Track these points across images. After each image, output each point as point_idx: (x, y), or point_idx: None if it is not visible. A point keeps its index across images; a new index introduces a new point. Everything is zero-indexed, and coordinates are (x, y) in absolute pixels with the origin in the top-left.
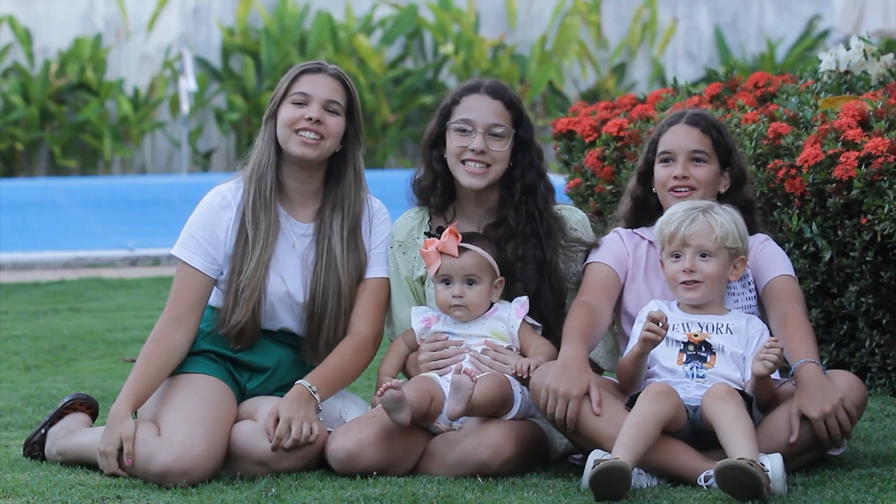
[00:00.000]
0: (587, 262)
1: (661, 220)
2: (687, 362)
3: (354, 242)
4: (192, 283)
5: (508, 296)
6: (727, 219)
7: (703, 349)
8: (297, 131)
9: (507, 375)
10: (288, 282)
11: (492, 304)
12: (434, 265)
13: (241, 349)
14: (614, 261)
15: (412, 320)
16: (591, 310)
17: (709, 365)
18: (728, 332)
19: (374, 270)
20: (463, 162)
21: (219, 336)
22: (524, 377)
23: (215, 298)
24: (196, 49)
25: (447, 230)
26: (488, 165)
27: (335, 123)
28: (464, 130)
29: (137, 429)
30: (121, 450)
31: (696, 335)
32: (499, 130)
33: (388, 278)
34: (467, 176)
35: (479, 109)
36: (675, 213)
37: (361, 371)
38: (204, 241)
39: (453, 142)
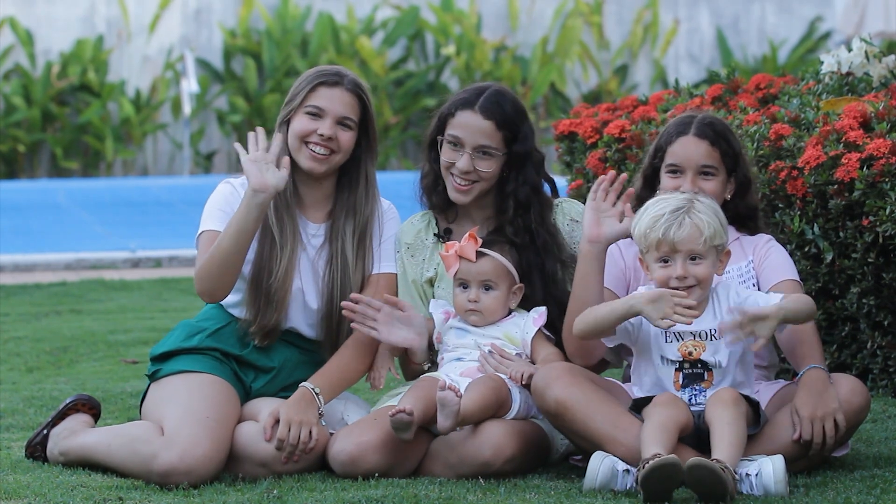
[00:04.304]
0: None
1: (642, 225)
2: (684, 385)
3: (364, 248)
4: None
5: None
6: (710, 215)
7: (700, 365)
8: (307, 143)
9: (503, 376)
10: (302, 281)
11: (510, 312)
12: (452, 269)
13: (266, 346)
14: (613, 281)
15: (432, 311)
16: None
17: (706, 384)
18: (718, 335)
19: (380, 266)
20: (451, 174)
21: (225, 334)
22: (520, 385)
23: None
24: (198, 51)
25: (467, 234)
26: (474, 182)
27: (347, 139)
28: (454, 145)
29: (139, 426)
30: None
31: (690, 353)
32: (487, 150)
33: (394, 274)
34: (453, 191)
35: (469, 128)
36: (658, 216)
37: (367, 370)
38: (227, 214)
39: (443, 155)
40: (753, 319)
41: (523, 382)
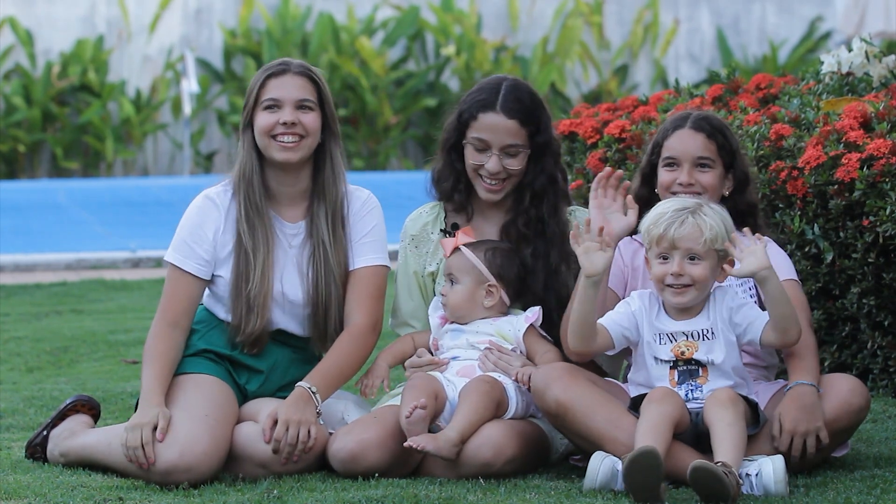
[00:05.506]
0: None
1: (647, 220)
2: (680, 382)
3: (339, 231)
4: (186, 287)
5: (523, 295)
6: (716, 220)
7: (693, 363)
8: (274, 137)
9: (498, 375)
10: (284, 283)
11: (507, 312)
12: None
13: (257, 353)
14: (613, 280)
15: (430, 313)
16: None
17: (702, 380)
18: (711, 335)
19: (366, 259)
20: (480, 176)
21: (214, 335)
22: (526, 388)
23: (211, 302)
24: (198, 51)
25: (460, 230)
26: (504, 180)
27: (310, 120)
28: (479, 148)
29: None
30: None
31: (682, 353)
32: (514, 150)
33: (381, 266)
34: (484, 192)
35: (495, 130)
36: (663, 213)
37: (363, 362)
38: (194, 244)
39: (470, 158)
40: (753, 251)
41: (527, 386)
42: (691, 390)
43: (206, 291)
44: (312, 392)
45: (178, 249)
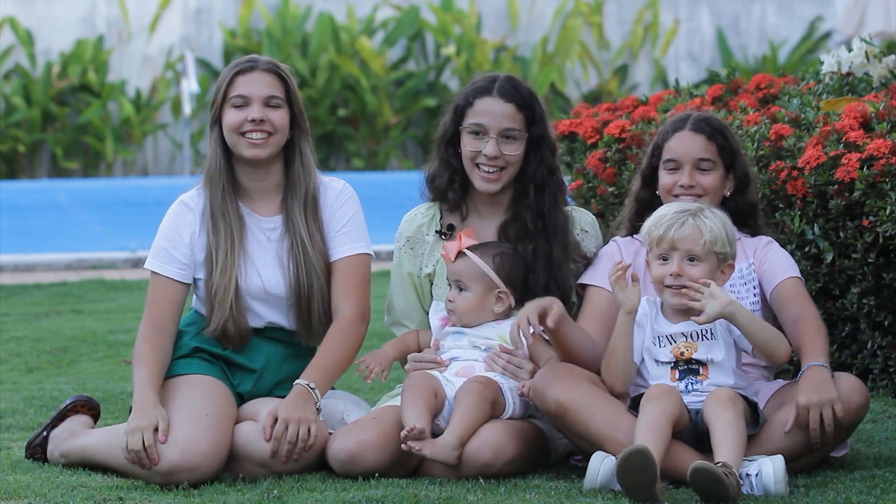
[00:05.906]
0: (586, 282)
1: (649, 222)
2: (681, 378)
3: (314, 222)
4: (168, 292)
5: (525, 296)
6: (716, 223)
7: (693, 362)
8: (243, 134)
9: (494, 375)
10: (264, 277)
11: (509, 315)
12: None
13: (234, 349)
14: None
15: (430, 316)
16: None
17: (703, 377)
18: (710, 335)
19: (346, 249)
20: (477, 166)
21: (205, 335)
22: (531, 402)
23: (198, 302)
24: (198, 51)
25: (458, 233)
26: (502, 169)
27: (279, 117)
28: (477, 134)
29: None
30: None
31: (682, 353)
32: (511, 134)
33: (363, 254)
34: (482, 182)
35: (492, 113)
36: (664, 215)
37: (356, 352)
38: (171, 248)
39: (467, 145)
40: (711, 294)
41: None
42: (691, 383)
43: (194, 295)
44: (311, 389)
45: (156, 256)
